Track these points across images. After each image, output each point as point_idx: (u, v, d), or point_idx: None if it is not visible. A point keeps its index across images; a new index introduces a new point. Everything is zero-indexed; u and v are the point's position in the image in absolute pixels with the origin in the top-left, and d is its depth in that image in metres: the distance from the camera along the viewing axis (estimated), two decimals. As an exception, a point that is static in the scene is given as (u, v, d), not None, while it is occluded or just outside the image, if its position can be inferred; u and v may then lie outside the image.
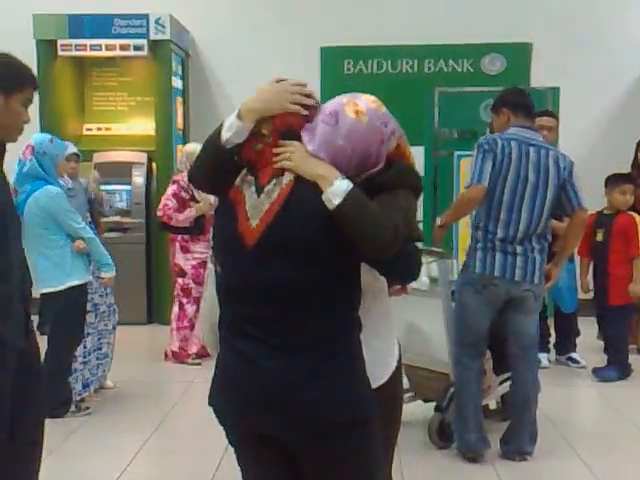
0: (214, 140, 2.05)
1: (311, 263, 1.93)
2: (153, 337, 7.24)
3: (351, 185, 1.93)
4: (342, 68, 8.14)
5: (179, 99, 7.97)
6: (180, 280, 6.19)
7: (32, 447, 2.97)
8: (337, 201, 1.89)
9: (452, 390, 4.22)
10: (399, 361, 2.28)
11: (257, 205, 1.98)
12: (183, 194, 6.11)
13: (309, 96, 2.05)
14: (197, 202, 6.13)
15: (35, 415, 2.94)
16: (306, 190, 1.95)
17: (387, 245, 1.91)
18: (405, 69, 8.14)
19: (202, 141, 6.49)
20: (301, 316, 1.96)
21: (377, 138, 2.01)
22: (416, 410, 4.61)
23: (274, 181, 1.99)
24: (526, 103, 4.13)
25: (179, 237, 6.18)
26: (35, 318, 7.23)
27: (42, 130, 6.99)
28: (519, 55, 8.05)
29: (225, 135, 2.01)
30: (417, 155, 2.19)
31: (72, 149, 5.43)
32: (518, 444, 4.16)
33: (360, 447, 2.02)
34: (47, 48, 7.58)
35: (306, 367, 1.95)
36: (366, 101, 2.04)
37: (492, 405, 4.69)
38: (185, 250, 6.19)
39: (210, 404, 2.13)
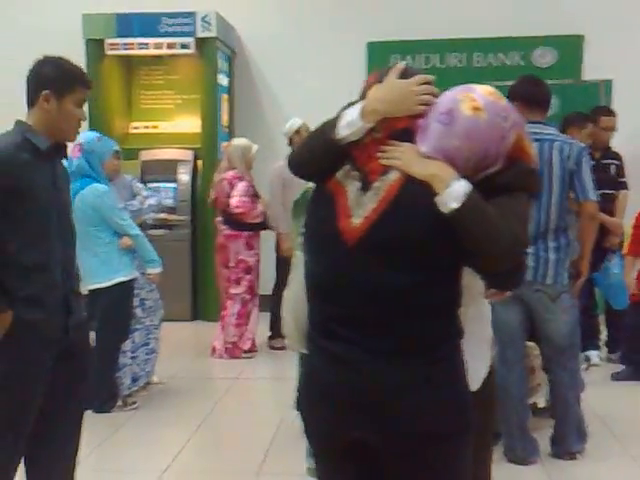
0: (327, 134, 1.93)
1: (417, 264, 1.82)
2: (198, 333, 7.28)
3: (470, 187, 1.79)
4: (389, 63, 8.03)
5: (225, 96, 7.99)
6: (248, 277, 6.20)
7: (65, 443, 2.97)
8: (454, 205, 1.76)
9: None
10: (492, 365, 2.19)
11: (362, 202, 1.87)
12: (251, 190, 6.14)
13: (434, 94, 1.91)
14: (258, 197, 6.17)
15: (71, 413, 2.95)
16: (415, 189, 1.82)
17: (505, 255, 1.80)
18: (454, 63, 8.05)
19: (248, 137, 6.51)
20: (404, 319, 1.84)
21: (496, 135, 1.85)
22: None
23: (381, 178, 1.87)
24: (540, 96, 3.96)
25: (244, 233, 6.19)
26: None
27: (90, 128, 7.08)
28: (571, 47, 7.88)
29: (343, 132, 1.90)
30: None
31: (114, 146, 5.46)
32: (566, 445, 4.07)
33: (457, 456, 1.93)
34: (96, 47, 7.67)
35: (409, 372, 1.85)
36: (483, 94, 1.87)
37: (541, 403, 4.60)
38: (250, 247, 6.22)
39: (298, 409, 2.04)
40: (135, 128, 8.26)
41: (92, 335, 5.16)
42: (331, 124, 1.94)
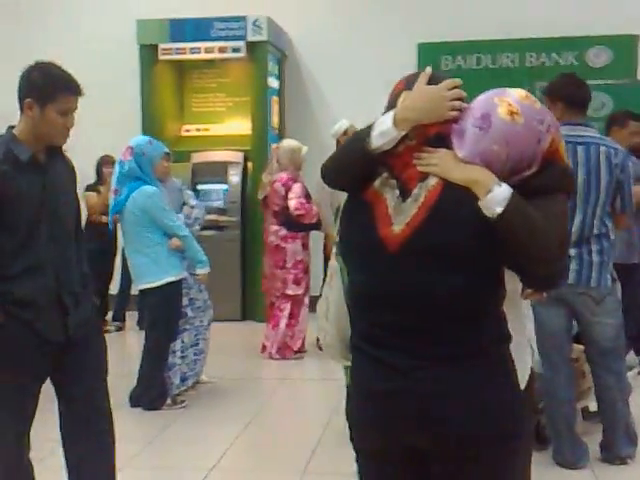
0: (361, 144, 1.93)
1: (461, 268, 1.82)
2: (247, 333, 7.33)
3: (511, 191, 1.79)
4: (440, 64, 8.03)
5: (275, 99, 8.06)
6: (305, 277, 6.26)
7: (97, 435, 3.09)
8: (499, 209, 1.76)
9: None
10: (532, 368, 2.13)
11: (402, 210, 1.88)
12: (305, 191, 6.19)
13: (464, 98, 1.92)
14: (310, 199, 6.22)
15: (79, 409, 3.06)
16: (456, 194, 1.83)
17: (554, 257, 1.80)
18: (505, 64, 7.99)
19: (298, 139, 6.53)
20: (451, 323, 1.85)
21: (533, 139, 1.86)
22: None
23: (419, 185, 1.87)
24: (583, 97, 3.91)
25: (300, 234, 6.23)
26: (133, 314, 7.42)
27: (144, 132, 7.21)
28: (625, 47, 7.77)
29: (377, 142, 1.90)
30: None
31: (164, 149, 5.52)
32: (615, 449, 4.00)
33: (510, 461, 1.91)
34: (149, 52, 7.82)
35: (458, 377, 1.84)
36: (519, 98, 1.88)
37: (592, 407, 4.53)
38: (305, 247, 6.28)
39: (348, 419, 2.03)
40: (187, 131, 8.38)
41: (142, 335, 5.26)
42: (364, 134, 1.93)
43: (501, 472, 1.90)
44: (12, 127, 2.90)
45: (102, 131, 7.58)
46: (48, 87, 2.81)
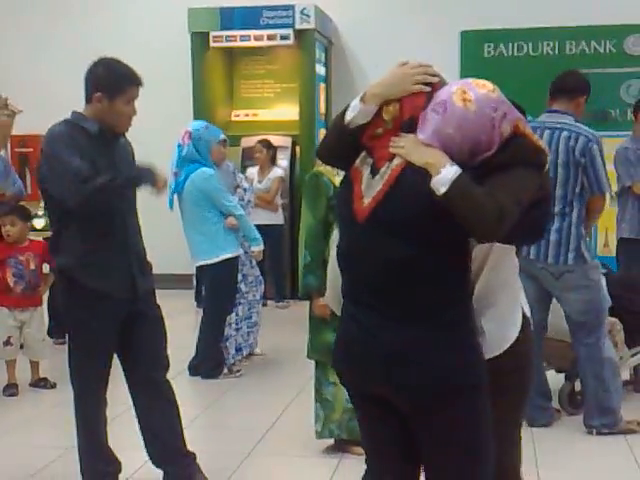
0: (339, 120, 2.18)
1: (418, 239, 2.07)
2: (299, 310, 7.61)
3: (458, 172, 2.01)
4: (482, 51, 8.19)
5: (322, 85, 8.31)
6: None
7: (149, 393, 3.38)
8: (443, 189, 2.00)
9: None
10: (523, 332, 2.34)
11: (371, 185, 2.14)
12: None
13: (434, 75, 2.13)
14: None
15: (142, 371, 3.36)
16: (414, 173, 2.06)
17: (491, 229, 2.01)
18: (546, 51, 8.10)
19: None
20: (407, 286, 2.10)
21: (487, 124, 2.06)
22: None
23: (387, 164, 2.12)
24: (563, 85, 4.11)
25: None
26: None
27: (195, 117, 7.50)
28: (664, 35, 7.87)
29: (348, 116, 2.14)
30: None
31: (221, 135, 5.79)
32: (587, 419, 4.23)
33: (467, 415, 2.13)
34: (200, 40, 8.09)
35: (415, 336, 2.09)
36: (476, 87, 2.08)
37: (624, 376, 4.72)
38: None
39: (333, 366, 2.37)
40: (237, 116, 8.63)
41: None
42: (342, 112, 2.20)
43: (458, 422, 2.14)
44: (75, 111, 3.20)
45: (155, 117, 7.87)
46: (116, 81, 3.11)
